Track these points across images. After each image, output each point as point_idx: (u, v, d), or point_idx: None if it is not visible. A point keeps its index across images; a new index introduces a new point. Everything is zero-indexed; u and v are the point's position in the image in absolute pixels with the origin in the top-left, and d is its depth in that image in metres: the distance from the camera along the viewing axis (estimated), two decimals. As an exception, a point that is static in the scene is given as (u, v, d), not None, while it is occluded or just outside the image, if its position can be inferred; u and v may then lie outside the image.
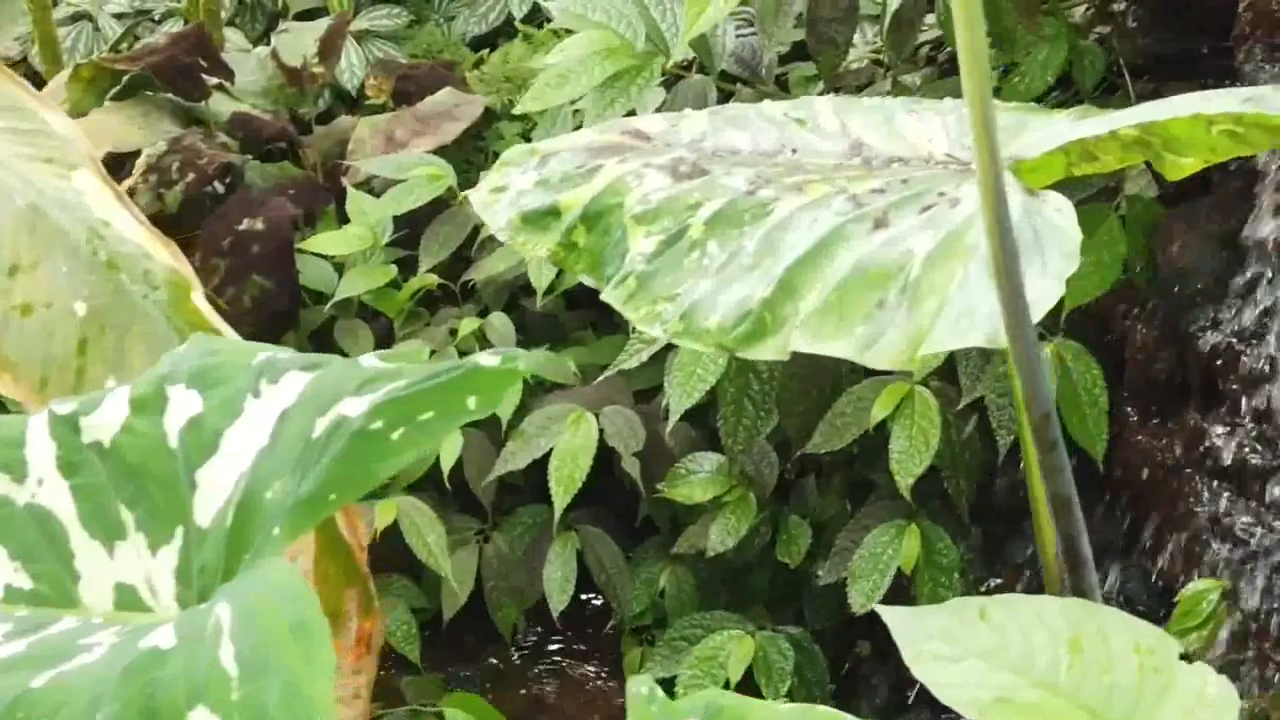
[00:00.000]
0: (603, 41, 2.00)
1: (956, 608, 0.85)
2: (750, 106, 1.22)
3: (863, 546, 2.05)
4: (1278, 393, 1.73)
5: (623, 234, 1.11)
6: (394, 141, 2.73)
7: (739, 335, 1.02)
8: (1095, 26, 2.00)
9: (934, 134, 1.11)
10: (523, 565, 2.32)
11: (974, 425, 2.06)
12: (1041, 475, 0.91)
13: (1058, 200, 0.98)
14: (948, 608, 0.85)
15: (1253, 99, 1.03)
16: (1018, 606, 0.85)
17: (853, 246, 1.00)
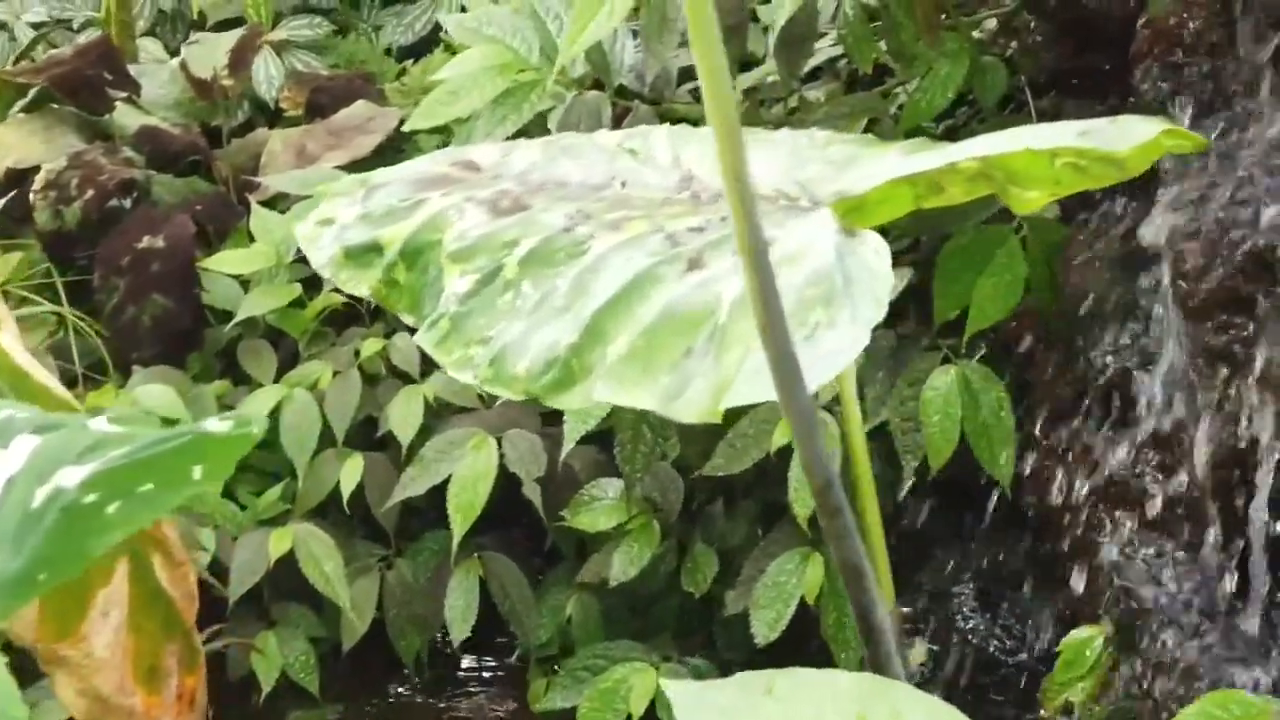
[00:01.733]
0: (495, 57, 1.95)
1: (743, 682, 0.80)
2: (586, 136, 1.16)
3: (766, 575, 2.00)
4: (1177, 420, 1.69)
5: (439, 273, 1.05)
6: (306, 155, 2.67)
7: (547, 383, 0.96)
8: (998, 43, 1.95)
9: (766, 166, 1.06)
10: (427, 593, 2.25)
11: (879, 451, 2.01)
12: (829, 542, 0.85)
13: (875, 242, 0.92)
14: (735, 682, 0.80)
15: (1088, 132, 0.98)
16: (807, 681, 0.79)
17: (664, 289, 0.94)
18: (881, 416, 1.98)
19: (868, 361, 2.00)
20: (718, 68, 0.70)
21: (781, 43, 1.82)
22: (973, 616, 1.96)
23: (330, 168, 2.58)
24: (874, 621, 0.84)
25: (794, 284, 0.90)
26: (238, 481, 2.39)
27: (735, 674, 2.17)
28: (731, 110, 0.71)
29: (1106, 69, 1.79)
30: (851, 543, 0.81)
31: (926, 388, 1.90)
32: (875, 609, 0.84)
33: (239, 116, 3.01)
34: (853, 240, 0.92)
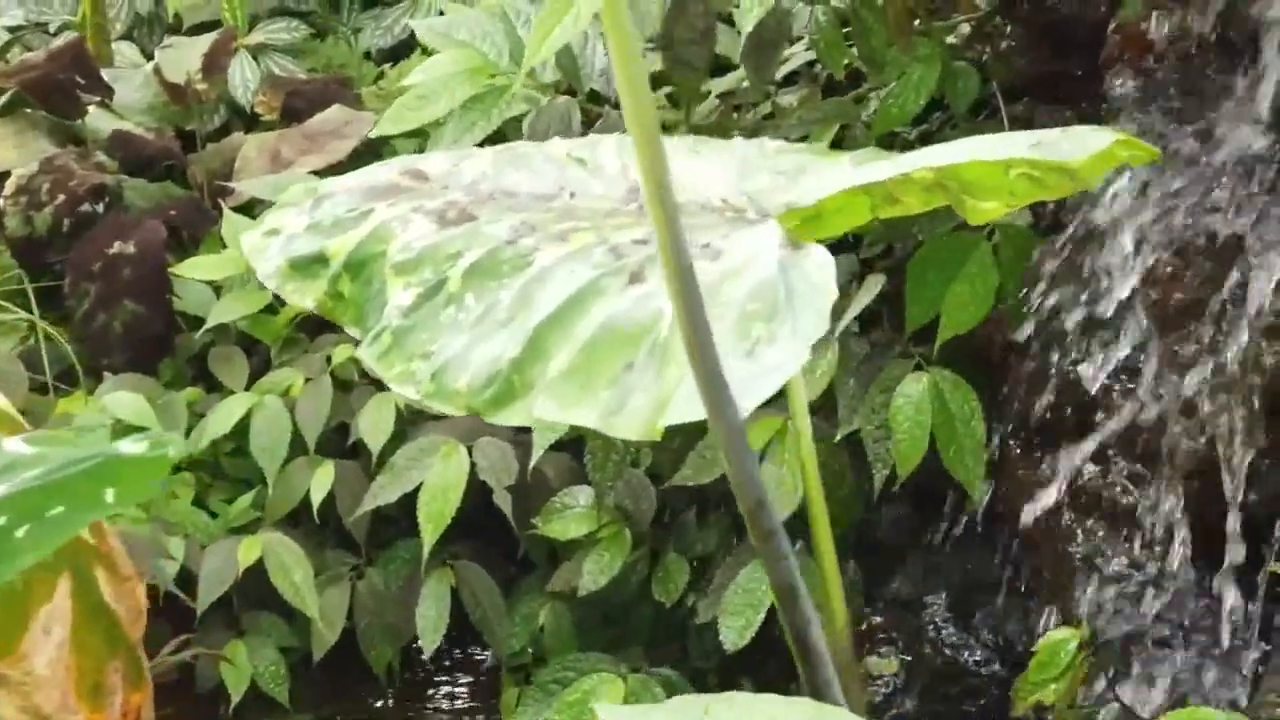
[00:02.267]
0: (465, 61, 1.93)
1: (680, 706, 0.78)
2: (536, 145, 1.14)
3: (736, 583, 1.98)
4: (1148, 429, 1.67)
5: (383, 285, 1.03)
6: (280, 160, 2.65)
7: (488, 398, 0.94)
8: (972, 48, 1.93)
9: (715, 177, 1.04)
10: (399, 601, 2.23)
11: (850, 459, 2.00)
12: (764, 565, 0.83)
13: (820, 255, 0.91)
14: (670, 706, 0.78)
15: (1040, 144, 0.96)
16: (744, 705, 0.77)
17: (606, 303, 0.93)
18: (854, 424, 1.97)
19: (840, 368, 1.98)
20: (637, 80, 0.68)
21: (751, 48, 1.81)
22: (945, 626, 1.95)
23: (304, 173, 2.56)
24: (810, 643, 0.82)
25: (736, 298, 0.89)
26: (209, 489, 2.37)
27: (708, 682, 2.14)
28: (652, 123, 0.69)
29: (1079, 74, 1.78)
30: (785, 565, 0.80)
31: (897, 395, 1.89)
32: (810, 630, 0.83)
33: (215, 121, 2.99)
34: (797, 254, 0.91)
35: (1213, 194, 1.52)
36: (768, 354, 0.85)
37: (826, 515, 1.04)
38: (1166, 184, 1.58)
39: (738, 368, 0.85)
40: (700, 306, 0.74)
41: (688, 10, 1.78)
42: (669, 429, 0.92)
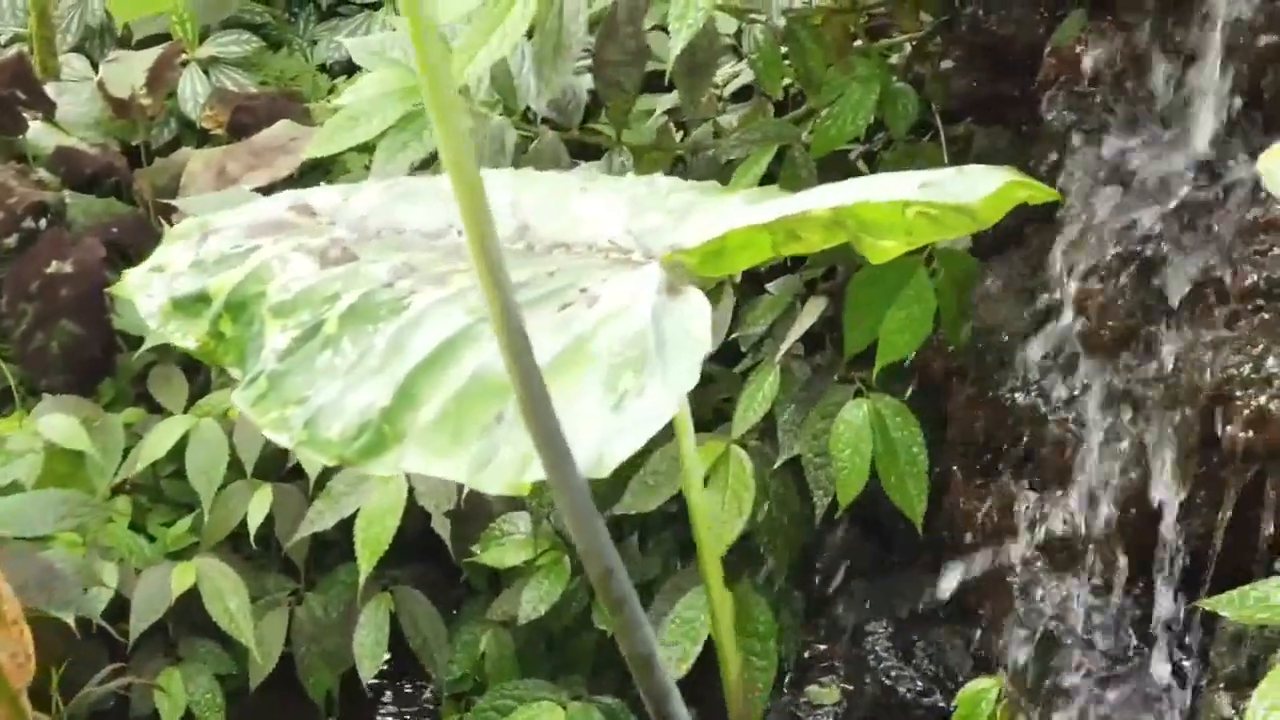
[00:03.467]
0: (397, 81, 1.89)
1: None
2: (428, 179, 1.11)
3: (674, 612, 1.95)
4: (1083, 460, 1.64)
5: (261, 327, 1.00)
6: (227, 176, 2.61)
7: (360, 448, 0.91)
8: (913, 68, 1.90)
9: (605, 216, 1.01)
10: (338, 628, 2.20)
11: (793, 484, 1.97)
12: (617, 635, 0.80)
13: (696, 302, 0.87)
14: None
15: (929, 184, 0.93)
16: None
17: (478, 351, 0.89)
18: (794, 450, 1.94)
19: (782, 392, 1.95)
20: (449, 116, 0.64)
21: (683, 70, 1.77)
22: (886, 656, 1.92)
23: (249, 189, 2.53)
24: (669, 713, 0.79)
25: (608, 347, 0.85)
26: (149, 512, 2.34)
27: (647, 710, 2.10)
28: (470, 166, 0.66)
29: (1017, 96, 1.74)
30: (641, 634, 0.76)
31: (838, 421, 1.86)
32: (669, 700, 0.79)
33: (165, 135, 2.96)
34: (673, 301, 0.87)
35: (1145, 220, 1.49)
36: (636, 407, 0.82)
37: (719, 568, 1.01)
38: (1100, 209, 1.54)
39: (604, 421, 0.82)
40: (532, 363, 0.70)
41: (618, 32, 1.75)
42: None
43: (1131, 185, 1.54)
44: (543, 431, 0.71)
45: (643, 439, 0.82)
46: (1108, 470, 1.58)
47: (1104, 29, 1.60)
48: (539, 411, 0.70)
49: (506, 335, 0.69)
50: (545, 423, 0.71)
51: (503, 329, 0.69)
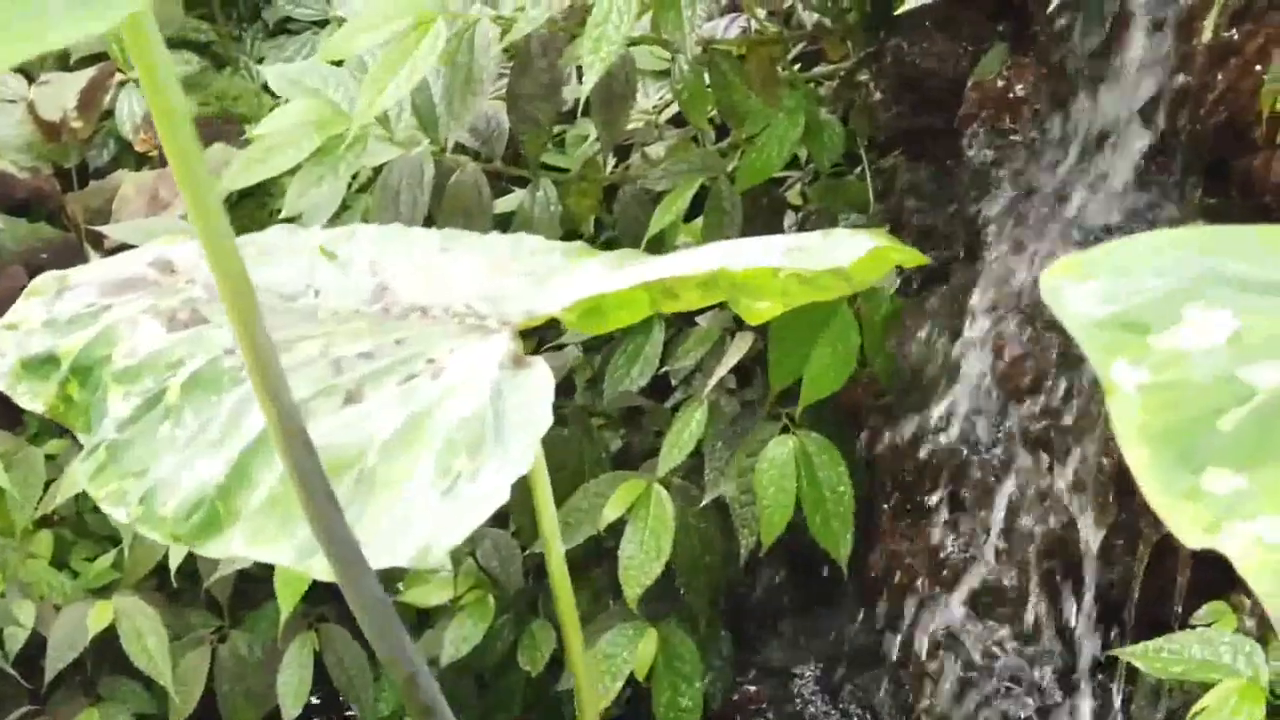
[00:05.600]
0: (314, 111, 1.85)
1: None
2: (289, 234, 1.07)
3: (596, 650, 1.91)
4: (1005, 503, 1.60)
5: (105, 393, 0.96)
6: (159, 201, 2.57)
7: (193, 526, 0.87)
8: (840, 100, 1.86)
9: (464, 277, 0.97)
10: (262, 666, 2.15)
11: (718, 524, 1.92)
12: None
13: (539, 377, 0.83)
14: None
15: (795, 249, 0.89)
16: None
17: (315, 426, 0.85)
18: (720, 488, 1.90)
19: (710, 428, 1.91)
20: (199, 180, 0.60)
21: (599, 103, 1.73)
22: (813, 699, 1.88)
23: (179, 215, 2.48)
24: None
25: (445, 425, 0.81)
26: (72, 547, 2.29)
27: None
28: (218, 218, 0.61)
29: (942, 129, 1.71)
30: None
31: (762, 459, 1.81)
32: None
33: (104, 157, 2.91)
34: (516, 375, 0.83)
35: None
36: (468, 492, 0.78)
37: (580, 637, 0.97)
38: (1018, 248, 1.51)
39: (435, 507, 0.78)
40: (311, 456, 0.66)
41: (532, 65, 1.71)
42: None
43: (1049, 223, 1.50)
44: (328, 535, 0.67)
45: (474, 526, 0.78)
46: (1029, 514, 1.54)
47: (1025, 64, 1.57)
48: (320, 510, 0.66)
49: (282, 438, 0.65)
50: (329, 524, 0.66)
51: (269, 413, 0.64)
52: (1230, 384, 0.46)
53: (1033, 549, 1.55)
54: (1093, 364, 0.47)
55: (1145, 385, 0.46)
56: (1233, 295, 0.47)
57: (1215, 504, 0.44)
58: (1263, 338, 0.46)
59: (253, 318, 0.61)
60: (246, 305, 0.61)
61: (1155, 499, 0.44)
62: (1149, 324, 0.47)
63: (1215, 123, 1.36)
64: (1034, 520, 1.53)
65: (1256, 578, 0.42)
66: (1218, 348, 0.46)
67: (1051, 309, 0.48)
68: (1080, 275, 0.48)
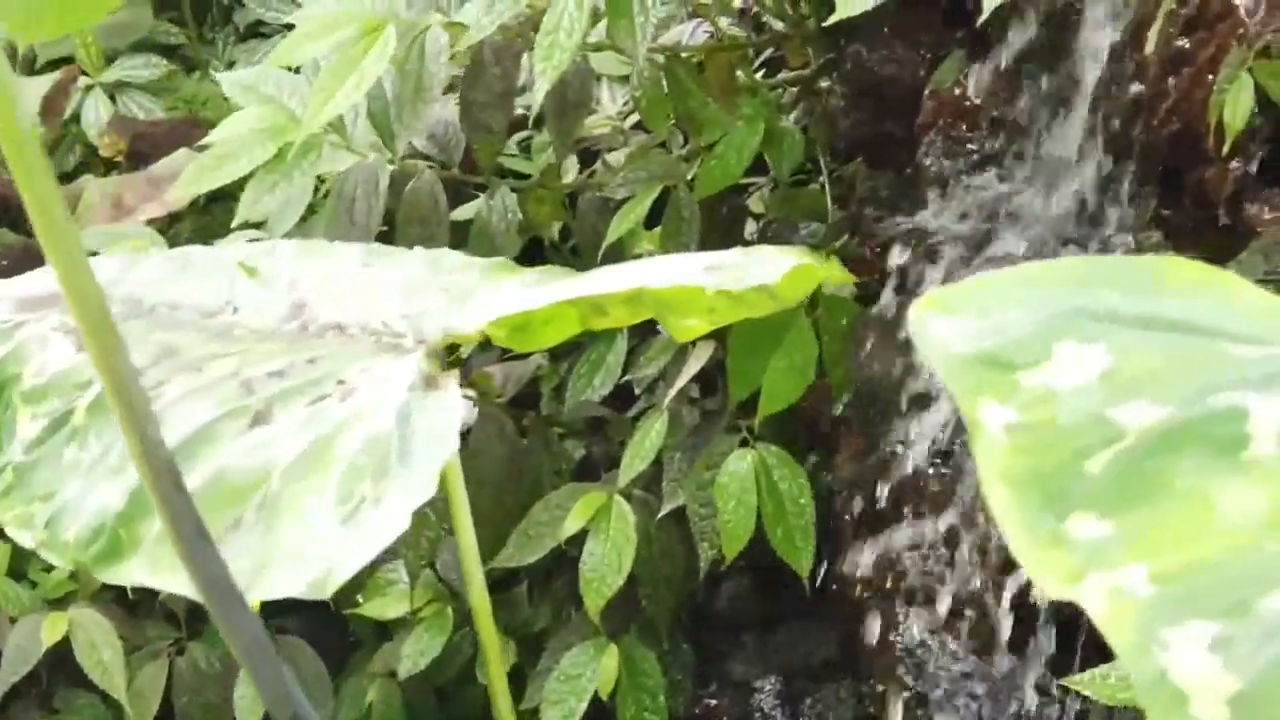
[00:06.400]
0: (268, 118, 1.82)
1: None
2: (214, 249, 1.04)
3: (559, 668, 1.89)
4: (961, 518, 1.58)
5: (14, 414, 0.93)
6: (123, 207, 2.54)
7: (95, 554, 0.84)
8: (800, 107, 1.84)
9: (385, 294, 0.95)
10: (220, 679, 2.13)
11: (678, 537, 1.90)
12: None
13: (449, 399, 0.81)
14: None
15: (714, 267, 0.87)
16: None
17: (220, 449, 0.83)
18: (679, 499, 1.87)
19: (670, 438, 1.89)
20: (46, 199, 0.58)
21: (553, 111, 1.71)
22: (774, 712, 1.85)
23: (144, 221, 2.46)
24: None
25: (350, 449, 0.79)
26: (29, 558, 2.26)
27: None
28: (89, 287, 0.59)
29: (902, 136, 1.69)
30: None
31: (722, 471, 1.79)
32: None
33: (71, 162, 2.89)
34: (426, 398, 0.81)
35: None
36: (370, 519, 0.76)
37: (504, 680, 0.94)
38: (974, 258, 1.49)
39: (334, 535, 0.76)
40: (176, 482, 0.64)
41: (485, 72, 1.69)
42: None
43: (1005, 234, 1.48)
44: (200, 573, 0.65)
45: (374, 553, 0.75)
46: (984, 529, 1.52)
47: (982, 71, 1.55)
48: (193, 553, 0.64)
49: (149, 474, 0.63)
50: (199, 558, 0.64)
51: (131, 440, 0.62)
52: (1099, 424, 0.44)
53: (990, 564, 1.53)
54: (958, 404, 0.44)
55: (1012, 425, 0.44)
56: (1107, 330, 0.45)
57: (1078, 551, 0.42)
58: (1134, 375, 0.44)
59: (114, 350, 0.59)
60: (106, 339, 0.59)
61: (1017, 546, 0.42)
62: (1018, 361, 0.45)
63: (1169, 133, 1.34)
64: (990, 534, 1.51)
65: (1115, 632, 0.40)
66: (1089, 386, 0.44)
67: (916, 345, 0.46)
68: (948, 309, 0.46)
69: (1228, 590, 0.40)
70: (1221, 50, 1.25)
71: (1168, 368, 0.44)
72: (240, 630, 0.65)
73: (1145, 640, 0.39)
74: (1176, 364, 0.44)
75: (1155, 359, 0.44)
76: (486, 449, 1.92)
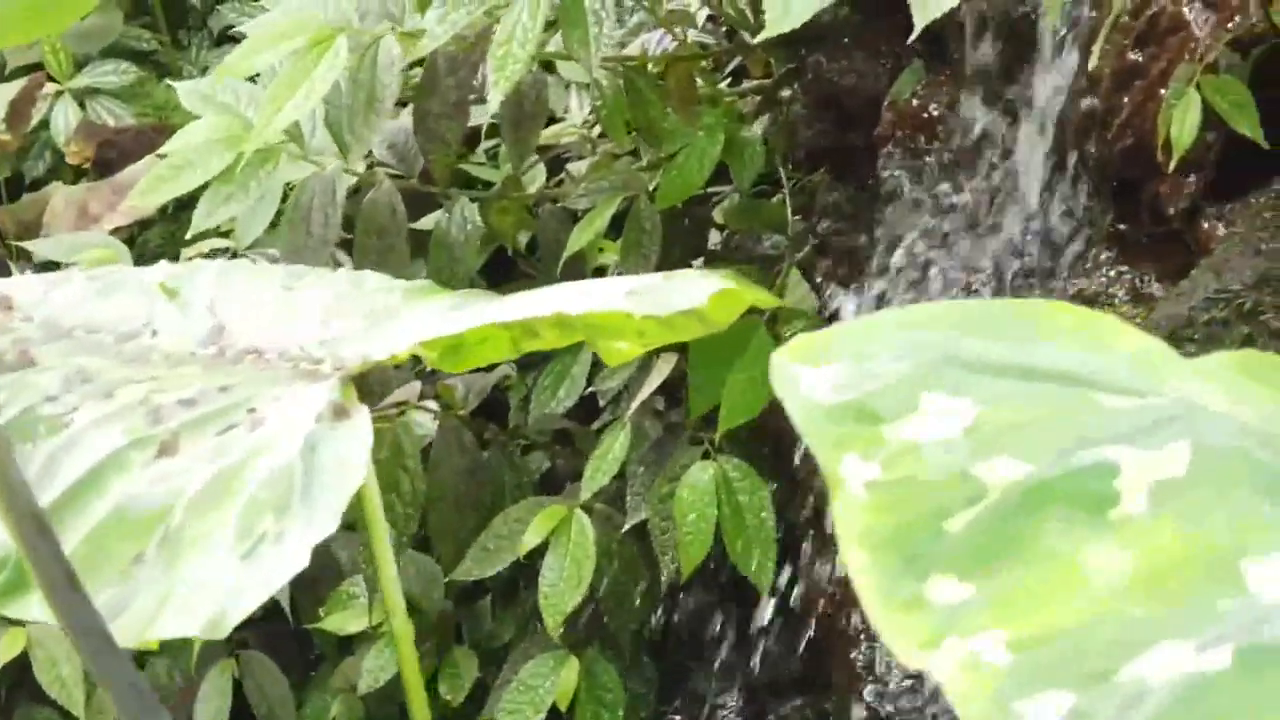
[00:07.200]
0: (225, 128, 1.80)
1: None
2: (134, 272, 1.02)
3: (518, 679, 1.87)
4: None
5: (-75, 441, 0.91)
6: (89, 215, 2.52)
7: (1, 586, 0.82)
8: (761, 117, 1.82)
9: (304, 317, 0.93)
10: (182, 694, 2.11)
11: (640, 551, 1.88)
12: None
13: (359, 429, 0.79)
14: None
15: (635, 292, 0.85)
16: None
17: (126, 480, 0.81)
18: (642, 514, 1.85)
19: (632, 452, 1.87)
20: None
21: (509, 122, 1.69)
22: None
23: (109, 230, 2.44)
24: None
25: (254, 481, 0.77)
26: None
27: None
28: None
29: (862, 147, 1.67)
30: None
31: (682, 485, 1.77)
32: None
33: (40, 168, 2.88)
34: (334, 428, 0.79)
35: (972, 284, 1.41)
36: (270, 556, 0.74)
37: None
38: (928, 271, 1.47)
39: (232, 573, 0.74)
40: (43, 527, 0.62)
41: (439, 83, 1.67)
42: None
43: (959, 247, 1.46)
44: (70, 618, 0.63)
45: (273, 590, 0.73)
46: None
47: (941, 83, 1.53)
48: (61, 599, 0.62)
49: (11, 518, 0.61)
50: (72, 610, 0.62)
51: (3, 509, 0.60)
52: (962, 481, 0.42)
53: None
54: (819, 460, 0.42)
55: (874, 482, 0.42)
56: (978, 380, 0.43)
57: (935, 616, 0.40)
58: (1000, 428, 0.42)
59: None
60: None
61: (872, 612, 0.40)
62: (885, 413, 0.43)
63: (1122, 147, 1.32)
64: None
65: (964, 704, 0.38)
66: (953, 440, 0.42)
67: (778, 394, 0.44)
68: (815, 357, 0.44)
69: (1088, 658, 0.39)
70: (1173, 64, 1.23)
71: (1035, 421, 0.42)
72: (112, 674, 0.63)
73: (996, 713, 0.37)
74: (1044, 417, 0.42)
75: (1023, 411, 0.42)
76: (446, 461, 1.90)
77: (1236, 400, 0.43)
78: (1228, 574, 0.40)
